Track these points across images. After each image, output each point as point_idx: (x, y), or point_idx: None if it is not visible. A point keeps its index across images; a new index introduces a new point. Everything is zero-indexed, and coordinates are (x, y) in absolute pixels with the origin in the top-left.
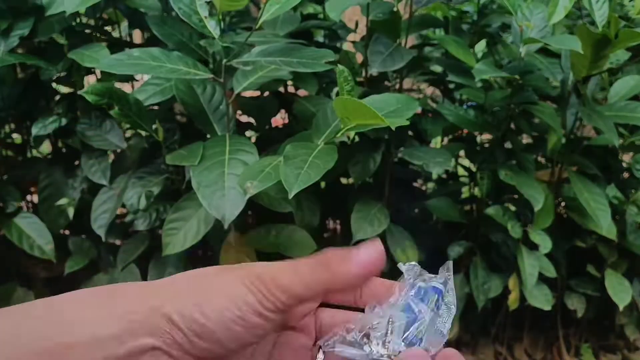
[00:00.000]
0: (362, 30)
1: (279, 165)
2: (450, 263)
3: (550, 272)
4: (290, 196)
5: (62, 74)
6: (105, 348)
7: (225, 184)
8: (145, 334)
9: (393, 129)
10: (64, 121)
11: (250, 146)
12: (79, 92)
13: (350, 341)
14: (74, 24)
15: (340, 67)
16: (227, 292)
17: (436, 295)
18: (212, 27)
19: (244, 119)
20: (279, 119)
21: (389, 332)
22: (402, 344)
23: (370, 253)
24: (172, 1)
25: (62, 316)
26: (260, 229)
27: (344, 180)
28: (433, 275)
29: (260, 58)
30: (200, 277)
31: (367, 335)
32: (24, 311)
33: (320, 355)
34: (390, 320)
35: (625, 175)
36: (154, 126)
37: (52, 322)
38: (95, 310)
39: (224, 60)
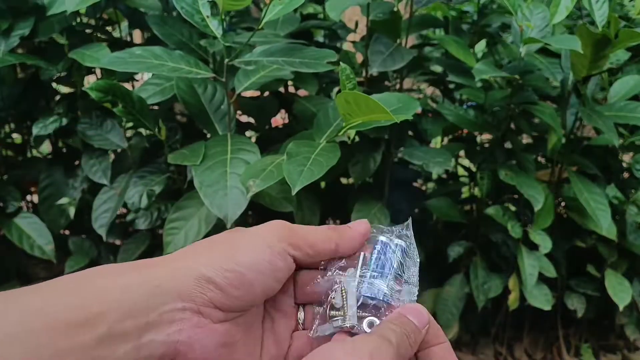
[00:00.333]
0: (362, 30)
1: (282, 163)
2: (409, 220)
3: (550, 272)
4: (294, 192)
5: (63, 73)
6: (136, 315)
7: (228, 183)
8: (175, 298)
9: (395, 125)
10: (64, 121)
11: (252, 145)
12: (82, 89)
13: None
14: (74, 23)
15: (342, 65)
16: (259, 241)
17: (399, 251)
18: (215, 26)
19: (244, 119)
20: (279, 119)
21: (345, 301)
22: (356, 310)
23: (363, 224)
24: (174, 0)
25: (93, 286)
26: None
27: (344, 180)
28: (395, 228)
29: (262, 58)
30: (229, 234)
31: (332, 307)
32: (54, 284)
33: (300, 315)
34: (343, 289)
35: (625, 175)
36: (157, 125)
37: (83, 293)
38: (124, 279)
39: (226, 60)
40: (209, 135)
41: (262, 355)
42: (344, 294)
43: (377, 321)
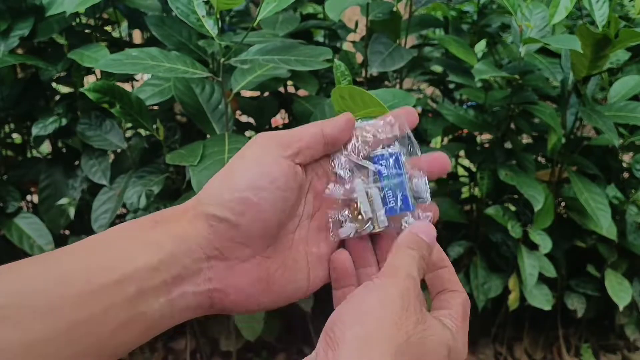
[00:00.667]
0: (362, 30)
1: None
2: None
3: (550, 272)
4: None
5: (62, 74)
6: (162, 271)
7: None
8: (196, 248)
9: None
10: (64, 121)
11: None
12: (80, 90)
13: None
14: (73, 24)
15: (337, 62)
16: (249, 159)
17: (392, 160)
18: (210, 26)
19: (244, 119)
20: (279, 119)
21: (373, 206)
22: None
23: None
24: (170, 1)
25: (118, 247)
26: None
27: None
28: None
29: (258, 56)
30: (227, 165)
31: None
32: (84, 247)
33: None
34: (370, 197)
35: (625, 175)
36: (154, 125)
37: (110, 254)
38: (146, 236)
39: (222, 59)
40: (208, 136)
41: (310, 279)
42: (371, 198)
43: (412, 220)
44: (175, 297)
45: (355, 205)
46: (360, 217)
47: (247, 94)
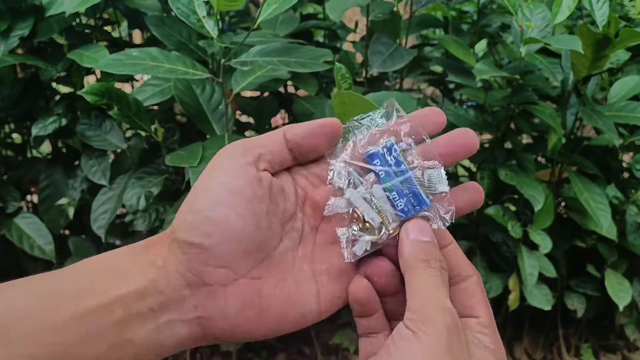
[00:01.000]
0: (362, 30)
1: None
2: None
3: (550, 272)
4: None
5: (62, 74)
6: (147, 297)
7: None
8: (176, 275)
9: None
10: (63, 121)
11: None
12: (77, 92)
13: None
14: (73, 24)
15: (337, 64)
16: (210, 173)
17: (387, 155)
18: (211, 27)
19: (245, 119)
20: (279, 119)
21: (381, 211)
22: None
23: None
24: (170, 1)
25: (107, 271)
26: None
27: None
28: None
29: (258, 58)
30: (200, 184)
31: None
32: (75, 270)
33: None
34: (374, 199)
35: (625, 175)
36: (153, 126)
37: (99, 279)
38: (134, 263)
39: (222, 60)
40: (208, 136)
41: (322, 300)
42: (375, 204)
43: (432, 216)
44: (162, 324)
45: (358, 216)
46: (368, 225)
47: (247, 94)
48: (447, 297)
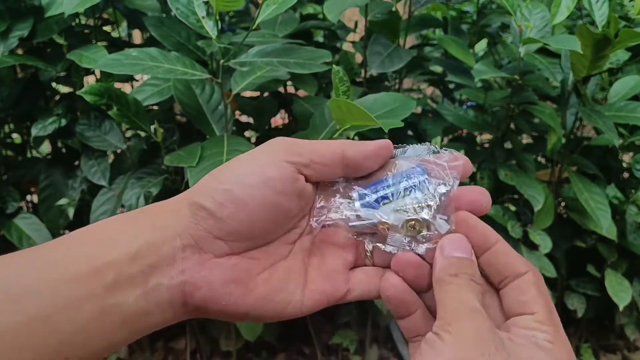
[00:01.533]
0: (362, 30)
1: None
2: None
3: (551, 272)
4: None
5: (62, 74)
6: (140, 259)
7: None
8: (174, 236)
9: (386, 131)
10: (63, 122)
11: (248, 146)
12: (77, 93)
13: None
14: (73, 24)
15: (335, 67)
16: (248, 157)
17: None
18: (210, 27)
19: (245, 119)
20: (279, 119)
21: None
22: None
23: (381, 142)
24: (170, 1)
25: (101, 237)
26: None
27: None
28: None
29: (257, 59)
30: (233, 162)
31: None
32: (69, 238)
33: (369, 246)
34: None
35: (625, 175)
36: (152, 127)
37: (93, 244)
38: (131, 227)
39: (222, 61)
40: (208, 136)
41: (306, 292)
42: (429, 202)
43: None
44: (150, 289)
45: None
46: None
47: (247, 94)
48: (476, 301)
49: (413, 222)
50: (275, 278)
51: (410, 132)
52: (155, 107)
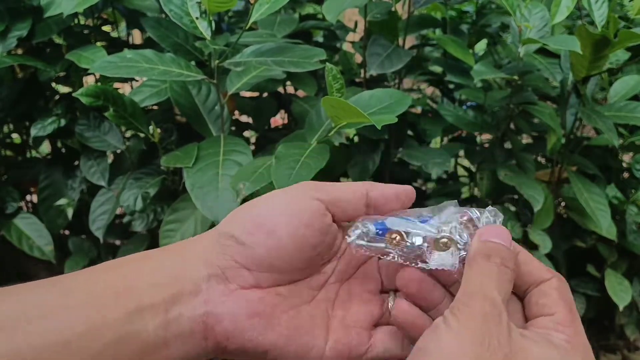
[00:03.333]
0: (362, 30)
1: (271, 166)
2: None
3: None
4: None
5: (61, 74)
6: (162, 287)
7: (219, 185)
8: (199, 265)
9: (395, 125)
10: (63, 122)
11: (245, 147)
12: (73, 94)
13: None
14: (72, 24)
15: (329, 65)
16: (279, 192)
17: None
18: (204, 28)
19: (245, 119)
20: (279, 119)
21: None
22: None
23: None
24: (163, 3)
25: (124, 265)
26: None
27: (344, 181)
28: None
29: (251, 58)
30: (260, 201)
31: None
32: (89, 269)
33: (391, 301)
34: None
35: (625, 175)
36: (150, 127)
37: (114, 271)
38: (154, 260)
39: (216, 61)
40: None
41: (329, 341)
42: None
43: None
44: (171, 318)
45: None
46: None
47: (246, 94)
48: (498, 290)
49: (446, 240)
50: (300, 318)
51: (410, 132)
52: (155, 107)
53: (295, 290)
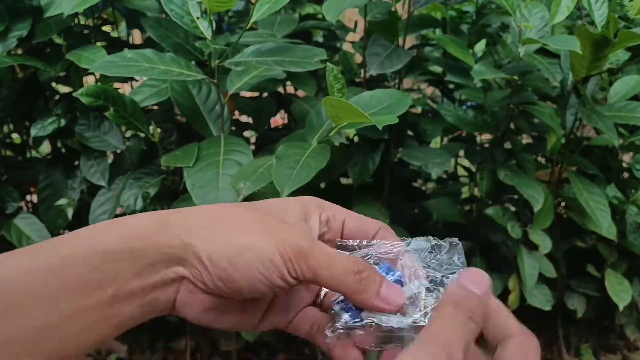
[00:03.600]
0: (362, 30)
1: (272, 166)
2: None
3: (550, 272)
4: (283, 197)
5: (62, 74)
6: (143, 277)
7: (220, 185)
8: (178, 265)
9: (395, 125)
10: (63, 122)
11: (245, 147)
12: (73, 94)
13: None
14: (72, 24)
15: (329, 65)
16: (259, 254)
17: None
18: (205, 28)
19: (245, 119)
20: (279, 119)
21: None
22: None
23: (396, 296)
24: (163, 3)
25: (106, 249)
26: None
27: (344, 181)
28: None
29: (251, 58)
30: (238, 224)
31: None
32: (73, 241)
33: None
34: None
35: (625, 175)
36: (150, 127)
37: (98, 255)
38: (137, 243)
39: (217, 61)
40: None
41: (264, 323)
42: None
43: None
44: (147, 302)
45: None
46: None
47: (247, 94)
48: (458, 340)
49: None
50: (246, 312)
51: (410, 132)
52: (155, 107)
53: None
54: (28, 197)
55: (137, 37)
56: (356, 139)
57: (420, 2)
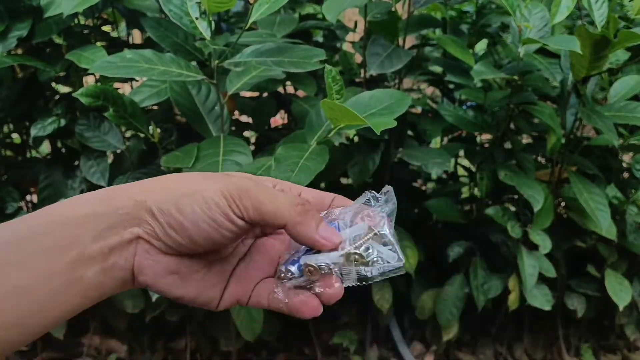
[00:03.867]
0: (362, 30)
1: (271, 169)
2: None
3: (550, 272)
4: None
5: (62, 74)
6: (102, 239)
7: None
8: (133, 225)
9: (395, 125)
10: (62, 122)
11: (244, 147)
12: (73, 94)
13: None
14: (72, 24)
15: (328, 67)
16: (204, 194)
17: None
18: (204, 28)
19: (245, 119)
20: (279, 119)
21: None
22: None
23: (333, 236)
24: (162, 3)
25: (68, 216)
26: None
27: (344, 181)
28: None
29: (251, 58)
30: (185, 179)
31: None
32: (41, 215)
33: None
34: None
35: (625, 175)
36: (150, 127)
37: (62, 223)
38: (94, 208)
39: (216, 61)
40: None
41: (225, 295)
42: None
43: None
44: (107, 266)
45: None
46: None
47: (247, 94)
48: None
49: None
50: (208, 279)
51: (410, 132)
52: (155, 107)
53: (208, 256)
54: (28, 197)
55: (137, 37)
56: (356, 139)
57: (420, 2)
